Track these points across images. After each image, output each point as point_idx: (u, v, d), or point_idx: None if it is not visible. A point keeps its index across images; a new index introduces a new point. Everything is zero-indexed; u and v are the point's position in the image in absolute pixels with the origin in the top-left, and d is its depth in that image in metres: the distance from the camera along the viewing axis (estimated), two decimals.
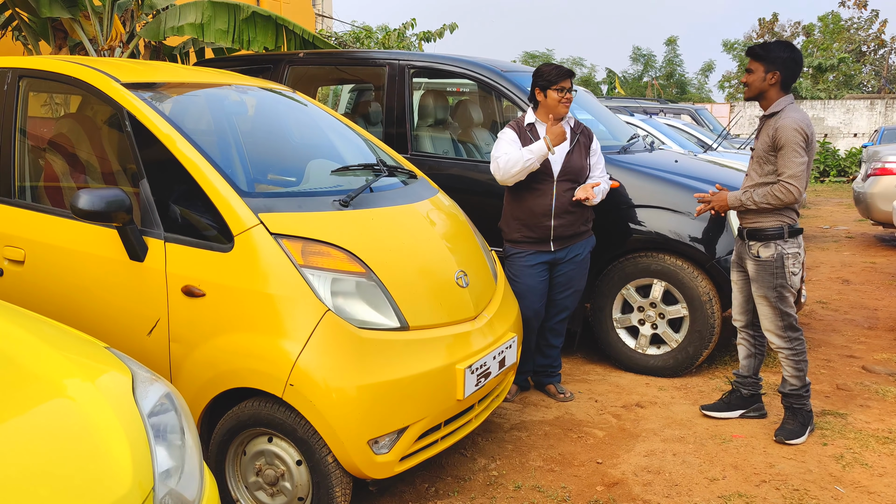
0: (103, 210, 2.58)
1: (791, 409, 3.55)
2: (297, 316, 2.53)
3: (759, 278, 3.47)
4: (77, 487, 1.39)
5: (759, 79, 3.38)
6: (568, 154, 3.82)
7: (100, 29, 6.80)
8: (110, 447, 1.49)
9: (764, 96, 3.41)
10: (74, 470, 1.42)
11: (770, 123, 3.36)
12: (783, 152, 3.30)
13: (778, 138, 3.29)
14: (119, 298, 2.76)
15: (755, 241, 3.46)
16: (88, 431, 1.51)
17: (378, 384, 2.54)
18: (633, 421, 3.73)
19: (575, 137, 3.88)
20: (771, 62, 3.35)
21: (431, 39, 18.12)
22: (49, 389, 1.60)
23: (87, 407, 1.57)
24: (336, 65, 5.70)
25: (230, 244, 2.60)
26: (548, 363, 4.10)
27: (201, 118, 3.20)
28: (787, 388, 3.54)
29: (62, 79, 3.07)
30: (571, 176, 3.80)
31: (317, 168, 3.31)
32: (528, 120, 3.86)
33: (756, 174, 3.45)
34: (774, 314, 3.46)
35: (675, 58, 38.05)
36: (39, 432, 1.47)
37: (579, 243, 3.90)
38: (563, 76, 3.77)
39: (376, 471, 2.58)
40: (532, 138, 3.79)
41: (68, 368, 1.69)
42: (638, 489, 3.03)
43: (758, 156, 3.43)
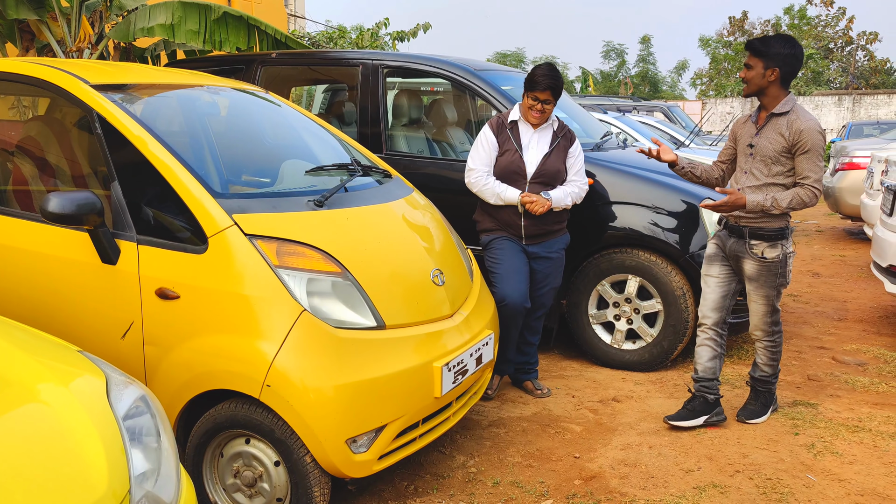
0: (74, 213, 2.54)
1: (756, 392, 3.64)
2: (273, 316, 2.53)
3: (760, 278, 3.39)
4: (52, 491, 1.38)
5: (759, 75, 3.28)
6: (545, 157, 3.79)
7: (67, 30, 6.70)
8: (85, 450, 1.48)
9: (765, 93, 3.31)
10: (49, 473, 1.41)
11: (780, 123, 3.27)
12: (809, 156, 3.21)
13: (802, 141, 3.20)
14: (91, 302, 2.73)
15: (760, 240, 3.35)
16: (62, 435, 1.50)
17: (355, 383, 2.54)
18: (610, 415, 3.76)
19: (556, 140, 3.84)
20: (770, 58, 3.25)
21: (405, 39, 18.11)
22: (22, 394, 1.59)
23: (61, 411, 1.56)
24: (309, 65, 5.68)
25: (204, 246, 2.58)
26: (524, 360, 4.08)
27: (173, 119, 3.17)
28: (758, 373, 3.61)
29: (29, 81, 3.02)
30: (545, 178, 3.77)
31: (291, 168, 3.30)
32: (511, 117, 3.84)
33: (761, 174, 3.33)
34: (768, 311, 3.45)
35: (648, 56, 38.40)
36: (12, 436, 1.46)
37: (553, 240, 3.90)
38: (537, 86, 3.69)
39: (355, 470, 2.58)
40: (511, 137, 3.78)
41: (41, 373, 1.67)
42: (615, 482, 3.07)
43: (764, 155, 3.31)
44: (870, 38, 36.64)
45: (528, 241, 3.83)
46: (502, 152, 3.80)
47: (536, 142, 3.82)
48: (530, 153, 3.80)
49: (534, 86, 3.69)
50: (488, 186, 3.77)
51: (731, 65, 34.98)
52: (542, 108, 3.72)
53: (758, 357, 3.62)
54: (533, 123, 3.78)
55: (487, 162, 3.80)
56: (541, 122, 3.79)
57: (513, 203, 3.74)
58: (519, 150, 3.79)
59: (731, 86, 28.52)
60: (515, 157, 3.78)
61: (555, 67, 3.76)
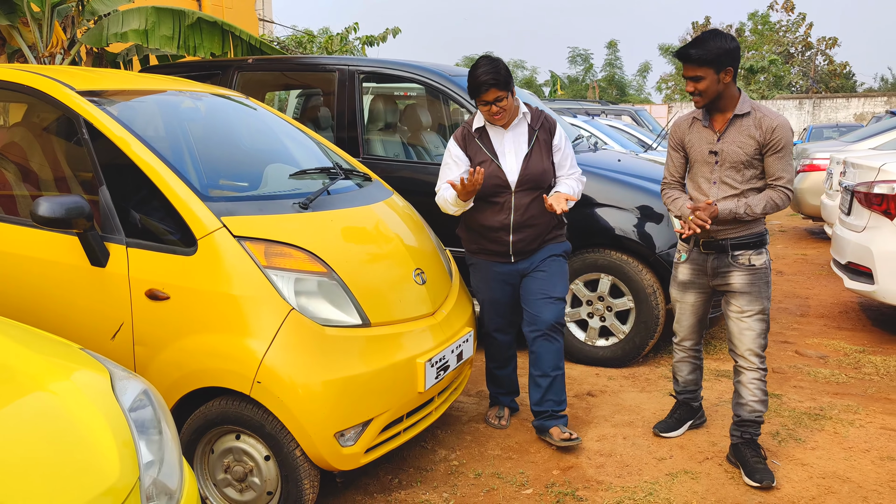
0: (63, 217, 2.60)
1: (751, 444, 3.15)
2: (262, 315, 2.61)
3: (753, 290, 3.07)
4: (67, 477, 1.45)
5: (713, 82, 2.95)
6: (525, 158, 3.32)
7: (39, 35, 6.69)
8: (96, 440, 1.56)
9: (722, 96, 3.00)
10: (63, 461, 1.48)
11: (746, 123, 2.99)
12: (781, 155, 2.97)
13: (776, 139, 2.95)
14: (81, 304, 2.78)
15: (744, 249, 3.08)
16: (73, 425, 1.57)
17: (343, 379, 2.63)
18: (585, 409, 3.89)
19: (533, 135, 3.35)
20: (720, 61, 2.92)
21: (374, 43, 18.13)
22: (31, 387, 1.66)
23: (71, 403, 1.63)
24: (285, 70, 5.74)
25: (193, 248, 2.66)
26: (539, 397, 3.44)
27: (158, 125, 3.23)
28: (750, 414, 3.15)
29: (14, 87, 3.06)
30: (532, 184, 3.31)
31: (274, 172, 3.38)
32: (476, 123, 3.39)
33: (736, 181, 3.04)
34: (763, 329, 3.10)
35: (615, 60, 38.96)
36: (26, 426, 1.53)
37: (545, 248, 3.43)
38: (479, 91, 3.21)
39: (343, 462, 2.67)
40: (480, 145, 3.35)
41: (47, 368, 1.74)
42: (591, 471, 3.19)
43: (735, 161, 3.01)
44: (829, 43, 37.61)
45: (517, 257, 3.41)
46: (475, 166, 3.29)
47: (512, 142, 3.34)
48: (507, 158, 3.33)
49: (476, 90, 3.22)
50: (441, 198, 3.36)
51: None
52: (497, 109, 3.24)
53: (750, 394, 3.13)
54: (500, 125, 3.34)
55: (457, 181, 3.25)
56: (507, 121, 3.33)
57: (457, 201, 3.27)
58: (494, 159, 3.32)
59: None
60: (492, 167, 3.30)
61: (490, 58, 3.26)
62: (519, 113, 3.37)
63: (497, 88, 3.21)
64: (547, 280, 3.40)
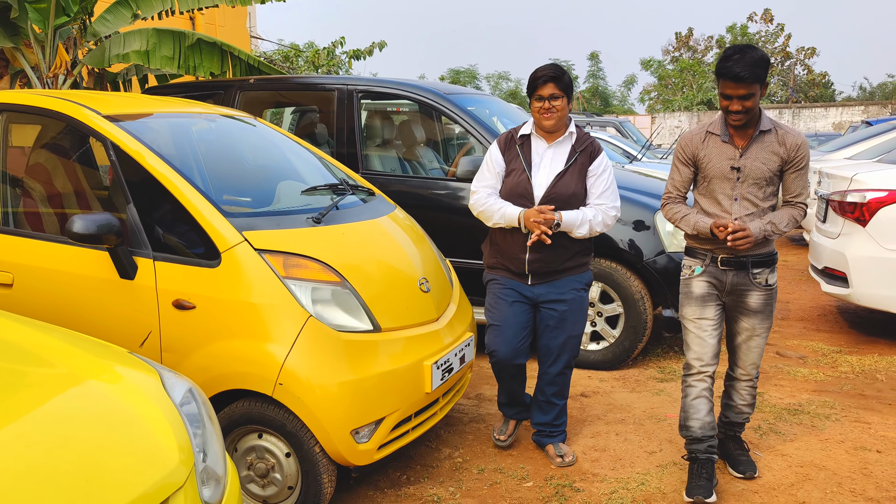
0: (95, 233, 2.80)
1: (735, 439, 3.34)
2: (282, 322, 2.82)
3: (766, 308, 3.05)
4: (137, 462, 1.66)
5: (758, 99, 2.87)
6: (558, 176, 3.24)
7: (42, 56, 6.88)
8: (157, 429, 1.77)
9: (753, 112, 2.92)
10: (133, 446, 1.69)
11: (769, 140, 2.94)
12: (803, 172, 2.95)
13: (799, 157, 2.92)
14: (110, 314, 2.98)
15: (763, 268, 3.02)
16: (136, 417, 1.78)
17: (357, 380, 2.84)
18: (580, 409, 4.12)
19: (573, 156, 3.26)
20: (764, 78, 2.86)
21: (361, 57, 18.33)
22: (94, 385, 1.86)
23: (131, 398, 1.84)
24: (286, 90, 5.97)
25: (217, 260, 2.86)
26: (547, 420, 3.52)
27: (178, 145, 3.43)
28: (739, 417, 3.29)
29: (45, 112, 3.27)
30: (557, 203, 3.21)
31: (286, 189, 3.60)
32: (523, 130, 3.34)
33: (757, 198, 2.97)
34: (765, 343, 3.15)
35: (598, 72, 39.48)
36: (98, 418, 1.73)
37: (566, 279, 3.32)
38: (540, 81, 3.19)
39: (358, 458, 2.87)
40: (519, 153, 3.29)
41: (104, 368, 1.95)
42: (587, 465, 3.42)
43: (758, 178, 2.95)
44: (808, 52, 38.32)
45: (534, 280, 3.31)
46: (508, 172, 3.30)
47: (550, 159, 3.27)
48: (541, 173, 3.26)
49: (534, 83, 3.21)
50: (487, 205, 3.29)
51: (677, 80, 36.14)
52: (550, 107, 3.17)
53: (736, 398, 3.25)
54: (546, 127, 3.24)
55: (492, 184, 3.33)
56: (555, 126, 3.23)
57: (514, 223, 3.22)
58: (527, 170, 3.26)
59: (677, 101, 29.57)
60: (522, 177, 3.26)
61: (557, 65, 3.27)
62: (566, 131, 3.28)
63: (556, 84, 3.17)
64: (566, 318, 3.34)
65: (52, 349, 1.98)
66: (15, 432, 1.58)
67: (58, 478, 1.51)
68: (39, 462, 1.53)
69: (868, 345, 5.30)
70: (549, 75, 3.18)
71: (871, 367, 4.79)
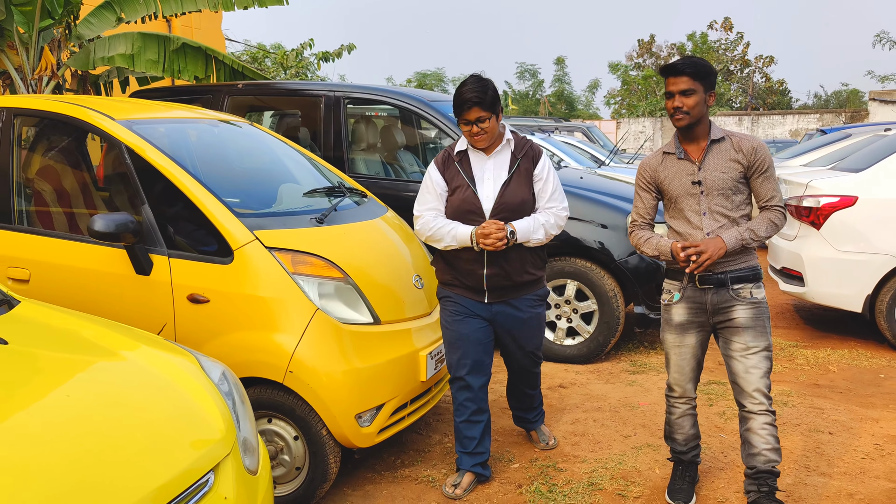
0: (114, 232, 3.00)
1: (770, 497, 2.89)
2: (292, 315, 3.04)
3: (757, 324, 2.87)
4: (191, 431, 1.88)
5: (701, 101, 2.82)
6: (504, 186, 3.18)
7: (26, 58, 6.96)
8: (204, 404, 1.99)
9: (702, 120, 2.87)
10: (186, 418, 1.92)
11: (724, 148, 2.87)
12: (768, 174, 2.87)
13: (760, 160, 2.84)
14: (126, 307, 3.17)
15: (746, 283, 2.88)
16: (185, 394, 2.00)
17: (360, 368, 3.08)
18: (559, 399, 4.41)
19: (515, 163, 3.20)
20: (707, 81, 2.83)
21: (330, 59, 18.44)
22: (145, 365, 2.08)
23: (178, 378, 2.06)
24: (273, 95, 6.16)
25: (230, 257, 3.07)
26: (524, 406, 3.67)
27: (188, 149, 3.62)
28: (765, 465, 2.89)
29: (58, 117, 3.45)
30: (508, 214, 3.14)
31: (287, 191, 3.81)
32: (459, 147, 3.27)
33: (727, 209, 2.87)
34: (769, 368, 2.90)
35: (564, 76, 40.08)
36: (153, 394, 1.95)
37: (523, 298, 3.27)
38: (462, 107, 3.10)
39: (361, 440, 3.11)
40: (459, 169, 3.21)
41: (152, 352, 2.16)
42: (568, 448, 3.70)
43: (721, 188, 2.86)
44: (766, 61, 39.39)
45: (492, 296, 3.22)
46: (452, 190, 3.22)
47: (492, 170, 3.21)
48: (486, 185, 3.19)
49: (459, 108, 3.11)
50: (436, 227, 3.18)
51: (642, 86, 36.89)
52: (478, 130, 3.11)
53: (757, 442, 2.89)
54: (480, 148, 3.20)
55: (436, 206, 3.23)
56: (487, 144, 3.18)
57: (466, 244, 3.12)
58: (471, 185, 3.19)
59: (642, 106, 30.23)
60: (468, 193, 3.18)
61: (480, 77, 3.16)
62: (503, 140, 3.24)
63: (480, 108, 3.08)
64: (529, 338, 3.37)
65: (104, 337, 2.19)
66: (93, 404, 1.80)
67: (131, 441, 1.73)
68: (113, 427, 1.75)
69: (822, 340, 5.69)
70: (473, 100, 3.07)
71: (824, 359, 5.17)
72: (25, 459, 1.54)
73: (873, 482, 3.29)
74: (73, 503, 1.49)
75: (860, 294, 5.27)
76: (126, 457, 1.68)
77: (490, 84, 3.15)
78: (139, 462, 1.69)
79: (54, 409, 1.75)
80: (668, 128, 24.54)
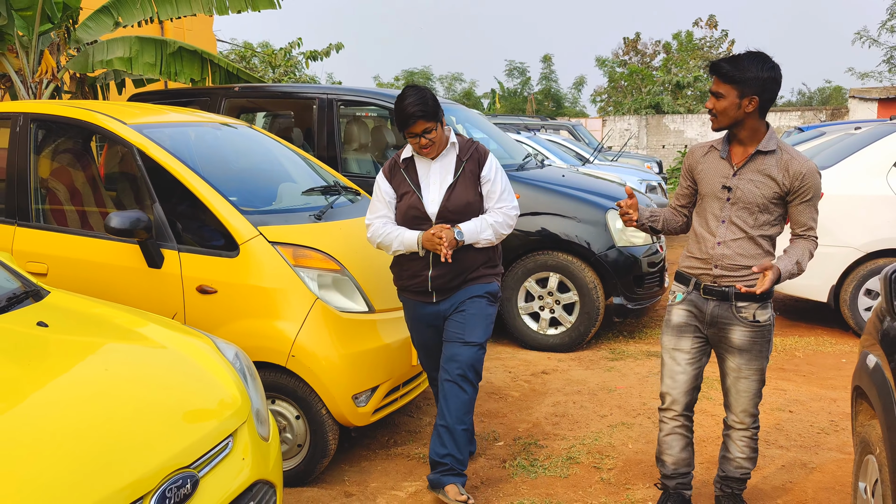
0: (129, 228, 3.26)
1: (737, 498, 3.00)
2: (293, 304, 3.31)
3: (753, 348, 2.75)
4: (212, 400, 2.15)
5: (733, 105, 2.63)
6: (449, 189, 3.17)
7: (26, 61, 7.17)
8: (221, 379, 2.25)
9: (742, 125, 2.68)
10: (207, 390, 2.18)
11: (768, 163, 2.67)
12: (812, 202, 2.68)
13: (805, 187, 2.63)
14: (139, 298, 3.41)
15: (751, 301, 2.72)
16: (204, 369, 2.27)
17: (357, 353, 3.35)
18: (541, 384, 4.70)
19: (460, 166, 3.19)
20: (747, 84, 2.61)
21: (318, 58, 18.65)
22: (166, 345, 2.35)
23: (197, 356, 2.32)
24: (269, 98, 6.42)
25: (236, 251, 3.34)
26: (446, 452, 3.15)
27: (194, 150, 3.88)
28: (737, 472, 2.94)
29: (72, 122, 3.70)
30: (454, 217, 3.14)
31: (286, 189, 4.08)
32: (405, 154, 3.27)
33: (746, 224, 2.70)
34: (759, 389, 2.83)
35: (550, 74, 40.39)
36: (175, 369, 2.23)
37: (469, 287, 3.22)
38: (406, 124, 3.09)
39: (358, 419, 3.38)
40: (405, 176, 3.22)
41: (172, 334, 2.43)
42: (549, 427, 3.99)
43: (748, 202, 2.68)
44: None
45: (439, 295, 3.22)
46: (400, 197, 3.24)
47: (438, 174, 3.20)
48: (431, 190, 3.19)
49: (404, 123, 3.10)
50: (385, 234, 3.20)
51: (627, 83, 37.26)
52: (426, 142, 3.11)
53: (739, 451, 2.90)
54: (429, 158, 3.21)
55: (385, 213, 3.25)
56: (436, 154, 3.19)
57: (413, 248, 3.15)
58: (416, 191, 3.19)
59: (627, 104, 30.55)
60: (413, 199, 3.19)
61: (417, 88, 3.16)
62: (447, 143, 3.22)
63: (425, 120, 3.07)
64: (464, 323, 3.18)
65: (130, 321, 2.46)
66: (128, 377, 2.07)
67: (164, 408, 2.00)
68: (147, 395, 2.02)
69: (791, 328, 6.01)
70: (417, 114, 3.05)
71: (791, 346, 5.49)
72: (81, 418, 1.81)
73: (826, 453, 3.60)
74: (122, 453, 1.76)
75: (825, 285, 5.60)
76: (162, 419, 1.95)
77: (428, 93, 3.14)
78: (172, 424, 1.96)
79: (96, 380, 2.01)
80: (652, 126, 24.90)
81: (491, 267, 3.28)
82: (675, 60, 34.79)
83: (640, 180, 9.87)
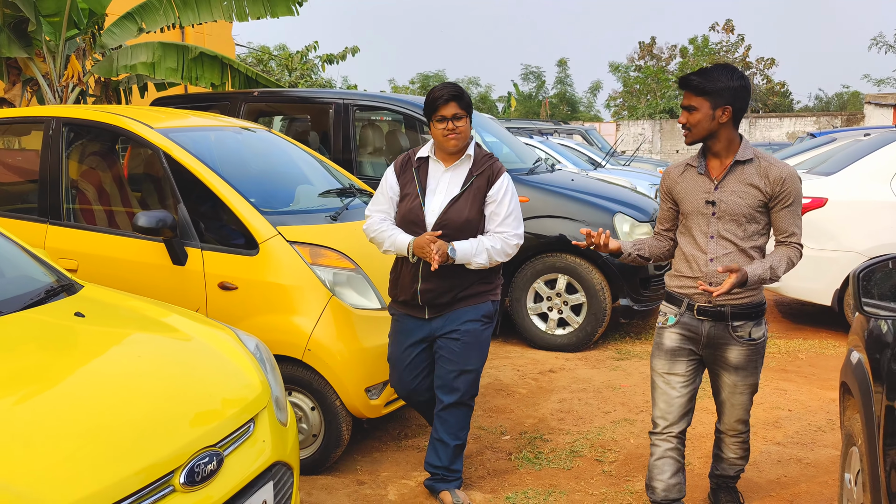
0: (155, 227, 3.44)
1: (731, 490, 3.14)
2: (310, 301, 3.48)
3: (749, 365, 2.77)
4: (235, 386, 2.32)
5: (707, 117, 2.63)
6: (451, 201, 3.05)
7: (53, 66, 7.42)
8: (242, 366, 2.42)
9: (716, 137, 2.68)
10: (232, 376, 2.36)
11: (748, 172, 2.66)
12: (793, 209, 2.67)
13: (786, 192, 2.63)
14: (163, 294, 3.58)
15: (746, 320, 2.72)
16: (227, 359, 2.44)
17: (370, 348, 3.51)
18: (548, 381, 4.84)
19: (469, 180, 3.06)
20: (719, 95, 2.61)
21: (334, 62, 18.86)
22: (192, 335, 2.52)
23: (221, 346, 2.50)
24: (287, 102, 6.61)
25: (256, 250, 3.51)
26: (442, 465, 3.23)
27: (217, 153, 4.06)
28: (732, 470, 3.07)
29: (102, 126, 3.90)
30: (449, 231, 3.00)
31: (303, 191, 4.25)
32: (421, 153, 3.17)
33: (737, 237, 2.68)
34: (751, 401, 2.90)
35: (566, 78, 40.50)
36: (202, 357, 2.40)
37: (463, 310, 3.09)
38: (441, 101, 2.97)
39: (370, 411, 3.54)
40: (414, 176, 3.13)
41: (198, 326, 2.61)
42: (554, 423, 4.13)
43: (735, 213, 2.66)
44: (767, 63, 39.76)
45: (431, 311, 3.11)
46: (403, 197, 3.15)
47: (447, 183, 3.09)
48: (435, 198, 3.08)
49: (434, 104, 2.99)
50: (379, 230, 3.11)
51: (642, 87, 37.28)
52: (454, 127, 2.98)
53: (727, 452, 3.02)
54: (450, 149, 3.05)
55: (386, 209, 3.17)
56: (460, 147, 3.06)
57: (403, 252, 3.04)
58: (420, 195, 3.09)
59: (641, 108, 30.64)
60: (415, 203, 3.09)
61: (454, 83, 3.12)
62: (469, 144, 3.12)
63: (458, 104, 2.98)
64: (460, 352, 3.10)
65: (160, 313, 2.64)
66: (159, 363, 2.25)
67: (193, 391, 2.18)
68: (176, 380, 2.20)
69: (795, 331, 6.12)
70: (451, 94, 2.97)
71: (794, 348, 5.60)
72: (118, 399, 1.99)
73: (821, 450, 3.72)
74: (155, 431, 1.94)
75: (829, 288, 5.70)
76: (190, 402, 2.13)
77: (464, 89, 3.10)
78: (200, 407, 2.14)
79: (131, 366, 2.19)
80: (666, 130, 24.96)
81: (486, 283, 3.14)
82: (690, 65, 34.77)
83: (651, 185, 9.98)
